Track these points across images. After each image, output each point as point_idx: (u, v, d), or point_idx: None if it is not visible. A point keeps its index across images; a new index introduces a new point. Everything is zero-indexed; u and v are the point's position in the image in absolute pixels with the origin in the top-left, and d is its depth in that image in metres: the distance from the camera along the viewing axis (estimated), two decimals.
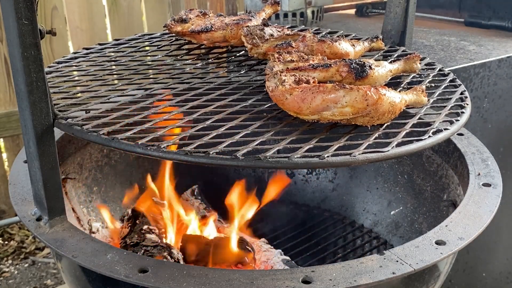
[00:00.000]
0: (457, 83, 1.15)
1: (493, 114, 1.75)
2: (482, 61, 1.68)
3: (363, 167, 1.60)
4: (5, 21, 0.84)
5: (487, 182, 1.11)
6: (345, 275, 0.85)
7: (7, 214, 2.65)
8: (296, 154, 0.79)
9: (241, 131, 0.87)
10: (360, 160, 0.81)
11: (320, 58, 1.04)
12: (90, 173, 1.43)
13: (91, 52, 1.30)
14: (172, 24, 1.35)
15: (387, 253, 0.90)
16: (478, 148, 1.24)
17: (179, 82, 1.11)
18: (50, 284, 2.30)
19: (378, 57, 1.27)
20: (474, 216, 1.00)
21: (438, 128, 0.92)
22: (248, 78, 1.13)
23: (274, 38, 1.17)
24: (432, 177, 1.38)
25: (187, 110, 0.96)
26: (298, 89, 0.88)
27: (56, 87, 1.08)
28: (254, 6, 2.10)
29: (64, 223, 0.97)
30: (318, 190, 1.71)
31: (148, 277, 0.83)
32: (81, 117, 0.91)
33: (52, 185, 0.94)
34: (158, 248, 1.20)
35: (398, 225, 1.49)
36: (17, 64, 0.85)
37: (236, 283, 0.83)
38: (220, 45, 1.31)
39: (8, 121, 2.51)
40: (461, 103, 1.04)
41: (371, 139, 0.86)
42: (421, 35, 2.02)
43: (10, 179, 1.13)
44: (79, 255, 0.89)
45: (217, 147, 0.81)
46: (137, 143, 0.82)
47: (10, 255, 2.48)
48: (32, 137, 0.90)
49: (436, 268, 1.01)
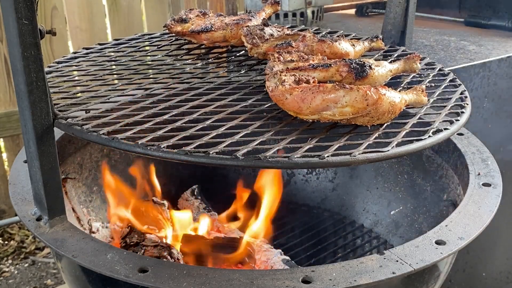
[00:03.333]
0: (457, 83, 1.15)
1: (493, 114, 1.75)
2: (482, 61, 1.67)
3: (363, 167, 1.60)
4: (5, 21, 0.84)
5: (487, 182, 1.11)
6: (345, 275, 0.85)
7: (7, 214, 2.65)
8: (296, 154, 0.79)
9: (241, 131, 0.87)
10: (360, 160, 0.81)
11: (320, 58, 1.04)
12: (90, 173, 1.42)
13: (91, 52, 1.30)
14: (172, 24, 1.35)
15: (387, 253, 0.90)
16: (478, 148, 1.24)
17: (179, 82, 1.11)
18: (50, 284, 2.30)
19: (378, 57, 1.27)
20: (474, 216, 1.00)
21: (438, 128, 0.92)
22: (248, 78, 1.12)
23: (274, 38, 1.17)
24: (432, 177, 1.38)
25: (187, 110, 0.96)
26: (298, 89, 0.88)
27: (56, 87, 1.08)
28: (254, 6, 2.10)
29: (64, 223, 0.97)
30: (318, 190, 1.71)
31: (148, 277, 0.83)
32: (81, 117, 0.91)
33: (52, 185, 0.94)
34: (158, 248, 1.21)
35: (398, 225, 1.49)
36: (17, 64, 0.85)
37: (236, 283, 0.83)
38: (220, 45, 1.31)
39: (8, 121, 2.51)
40: (461, 103, 1.04)
41: (371, 139, 0.86)
42: (421, 35, 2.02)
43: (10, 179, 1.13)
44: (79, 255, 0.89)
45: (217, 147, 0.81)
46: (137, 143, 0.82)
47: (10, 255, 2.48)
48: (32, 137, 0.90)
49: (436, 268, 1.01)
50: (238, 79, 1.12)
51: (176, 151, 0.80)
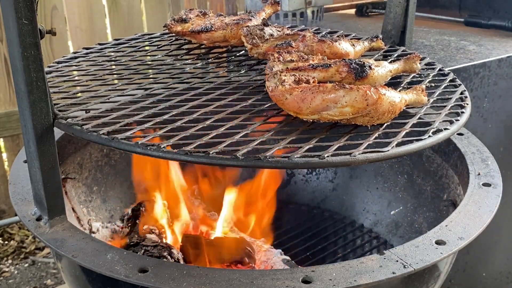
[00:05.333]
0: (457, 82, 1.15)
1: (493, 114, 1.75)
2: (482, 61, 1.67)
3: (363, 167, 1.60)
4: (5, 21, 0.84)
5: (487, 182, 1.11)
6: (345, 275, 0.85)
7: (7, 214, 2.65)
8: (296, 154, 0.79)
9: (241, 131, 0.87)
10: (360, 160, 0.81)
11: (320, 58, 1.04)
12: (90, 173, 1.42)
13: (91, 52, 1.30)
14: (172, 24, 1.35)
15: (387, 253, 0.90)
16: (478, 148, 1.24)
17: (179, 81, 1.11)
18: (50, 284, 2.30)
19: (378, 57, 1.27)
20: (474, 216, 1.00)
21: (438, 128, 0.92)
22: (248, 78, 1.12)
23: (274, 38, 1.17)
24: (432, 177, 1.38)
25: (187, 110, 0.96)
26: (298, 89, 0.88)
27: (56, 87, 1.08)
28: (254, 6, 2.10)
29: (64, 223, 0.97)
30: (318, 190, 1.71)
31: (148, 277, 0.83)
32: (81, 117, 0.91)
33: (52, 185, 0.94)
34: (158, 248, 1.21)
35: (398, 225, 1.49)
36: (17, 64, 0.85)
37: (236, 283, 0.83)
38: (220, 45, 1.30)
39: (8, 121, 2.51)
40: (461, 103, 1.04)
41: (371, 139, 0.86)
42: (421, 35, 2.02)
43: (10, 179, 1.13)
44: (79, 255, 0.89)
45: (217, 146, 0.81)
46: (137, 142, 0.82)
47: (10, 255, 2.48)
48: (32, 137, 0.90)
49: (436, 268, 1.01)
50: (238, 79, 1.12)
51: (176, 151, 0.80)
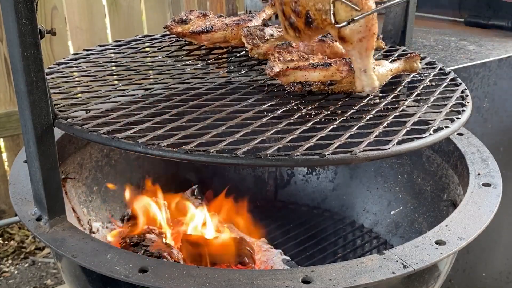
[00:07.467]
0: (458, 81, 1.15)
1: (493, 114, 1.75)
2: (482, 61, 1.67)
3: (363, 167, 1.60)
4: (5, 21, 0.84)
5: (487, 182, 1.11)
6: (345, 275, 0.84)
7: (7, 214, 2.65)
8: (296, 152, 0.79)
9: (242, 130, 0.87)
10: (361, 158, 0.81)
11: (321, 57, 1.04)
12: (90, 173, 1.42)
13: (91, 53, 1.30)
14: (172, 25, 1.35)
15: (387, 253, 0.90)
16: (478, 148, 1.24)
17: (179, 82, 1.11)
18: (50, 284, 2.30)
19: (378, 57, 1.28)
20: (474, 216, 1.00)
21: (439, 126, 0.92)
22: (249, 78, 1.12)
23: (274, 38, 1.17)
24: (432, 177, 1.38)
25: (187, 109, 0.96)
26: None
27: (57, 88, 1.08)
28: (254, 6, 2.10)
29: (64, 223, 0.97)
30: (318, 190, 1.70)
31: (148, 277, 0.83)
32: (81, 117, 0.91)
33: (52, 185, 0.94)
34: (158, 248, 1.20)
35: (398, 225, 1.49)
36: (17, 64, 0.85)
37: (236, 283, 0.83)
38: (221, 45, 1.30)
39: (8, 121, 2.51)
40: (462, 102, 1.04)
41: (372, 137, 0.86)
42: (421, 35, 2.02)
43: (10, 179, 1.12)
44: (79, 255, 0.89)
45: (217, 145, 0.81)
46: (137, 142, 0.82)
47: (10, 255, 2.48)
48: (32, 137, 0.90)
49: (436, 268, 1.01)
50: (239, 79, 1.12)
51: (176, 150, 0.80)
